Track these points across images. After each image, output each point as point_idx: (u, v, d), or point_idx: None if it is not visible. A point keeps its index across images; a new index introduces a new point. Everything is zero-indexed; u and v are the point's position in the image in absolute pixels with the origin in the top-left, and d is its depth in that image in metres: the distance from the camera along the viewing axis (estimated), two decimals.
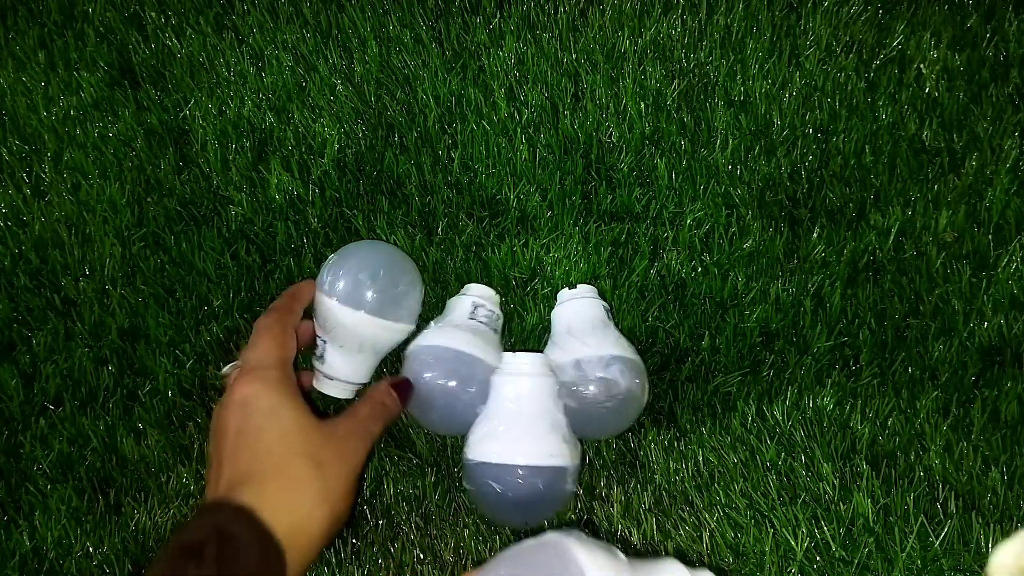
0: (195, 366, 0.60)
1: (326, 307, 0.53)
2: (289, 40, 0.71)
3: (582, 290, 0.59)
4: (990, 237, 0.60)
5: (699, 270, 0.61)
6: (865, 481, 0.53)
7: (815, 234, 0.61)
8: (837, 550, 0.52)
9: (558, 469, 0.50)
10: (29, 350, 0.61)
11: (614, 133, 0.66)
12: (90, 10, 0.75)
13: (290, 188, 0.65)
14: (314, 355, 0.55)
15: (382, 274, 0.53)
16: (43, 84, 0.72)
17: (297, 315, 0.53)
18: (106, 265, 0.63)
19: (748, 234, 0.62)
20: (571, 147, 0.66)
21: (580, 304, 0.58)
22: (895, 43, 0.68)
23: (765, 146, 0.65)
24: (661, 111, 0.66)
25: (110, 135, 0.69)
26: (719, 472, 0.55)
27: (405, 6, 0.72)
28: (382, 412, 0.51)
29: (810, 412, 0.57)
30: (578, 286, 0.59)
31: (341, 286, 0.53)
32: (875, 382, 0.57)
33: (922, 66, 0.67)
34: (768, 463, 0.55)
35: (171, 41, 0.73)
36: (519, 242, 0.62)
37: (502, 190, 0.64)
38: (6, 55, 0.74)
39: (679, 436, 0.57)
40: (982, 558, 0.51)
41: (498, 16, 0.71)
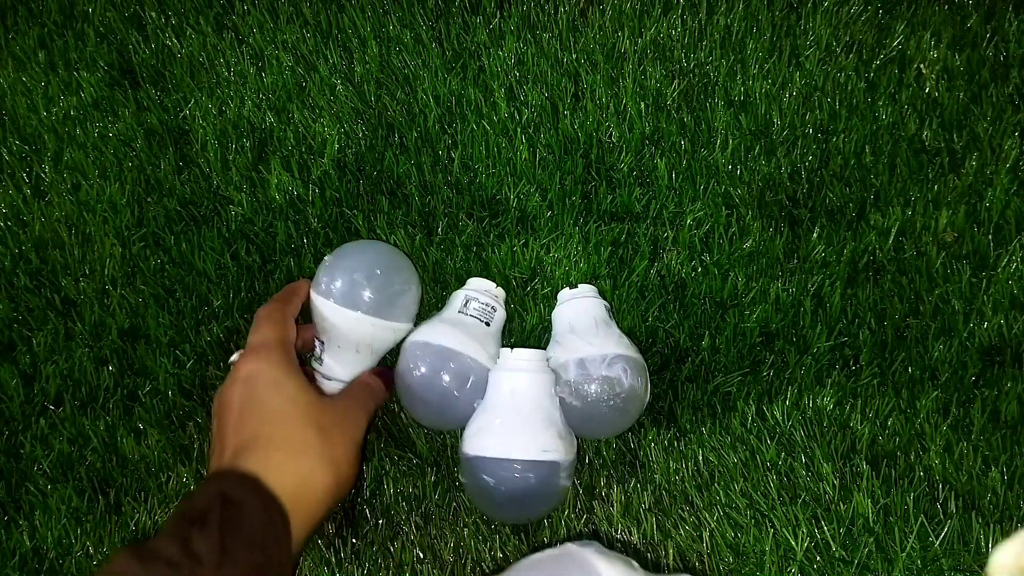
0: (195, 366, 0.60)
1: (323, 309, 0.53)
2: (289, 40, 0.71)
3: (583, 289, 0.59)
4: (990, 237, 0.60)
5: (699, 270, 0.61)
6: (865, 481, 0.53)
7: (815, 234, 0.62)
8: (837, 550, 0.52)
9: (552, 464, 0.50)
10: (29, 350, 0.61)
11: (614, 133, 0.66)
12: (90, 10, 0.75)
13: (290, 188, 0.65)
14: (312, 357, 0.55)
15: (378, 274, 0.54)
16: (43, 84, 0.72)
17: (296, 307, 0.54)
18: (106, 265, 0.63)
19: (748, 234, 0.62)
20: (571, 147, 0.66)
21: (582, 303, 0.57)
22: (895, 43, 0.68)
23: (765, 146, 0.65)
24: (661, 111, 0.66)
25: (110, 135, 0.69)
26: (719, 472, 0.55)
27: (405, 6, 0.72)
28: (371, 392, 0.53)
29: (810, 412, 0.57)
30: (579, 286, 0.59)
31: (337, 287, 0.53)
32: (875, 382, 0.57)
33: (922, 66, 0.67)
34: (768, 463, 0.55)
35: (171, 41, 0.73)
36: (519, 242, 0.62)
37: (502, 190, 0.64)
38: (6, 55, 0.74)
39: (679, 436, 0.57)
40: (982, 558, 0.51)
41: (498, 16, 0.71)
